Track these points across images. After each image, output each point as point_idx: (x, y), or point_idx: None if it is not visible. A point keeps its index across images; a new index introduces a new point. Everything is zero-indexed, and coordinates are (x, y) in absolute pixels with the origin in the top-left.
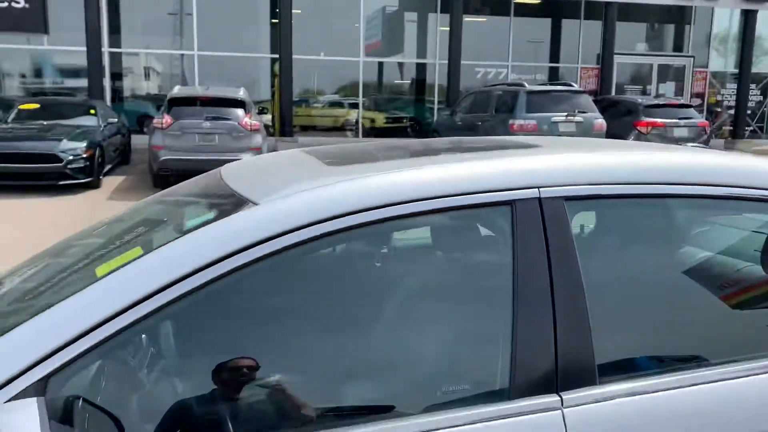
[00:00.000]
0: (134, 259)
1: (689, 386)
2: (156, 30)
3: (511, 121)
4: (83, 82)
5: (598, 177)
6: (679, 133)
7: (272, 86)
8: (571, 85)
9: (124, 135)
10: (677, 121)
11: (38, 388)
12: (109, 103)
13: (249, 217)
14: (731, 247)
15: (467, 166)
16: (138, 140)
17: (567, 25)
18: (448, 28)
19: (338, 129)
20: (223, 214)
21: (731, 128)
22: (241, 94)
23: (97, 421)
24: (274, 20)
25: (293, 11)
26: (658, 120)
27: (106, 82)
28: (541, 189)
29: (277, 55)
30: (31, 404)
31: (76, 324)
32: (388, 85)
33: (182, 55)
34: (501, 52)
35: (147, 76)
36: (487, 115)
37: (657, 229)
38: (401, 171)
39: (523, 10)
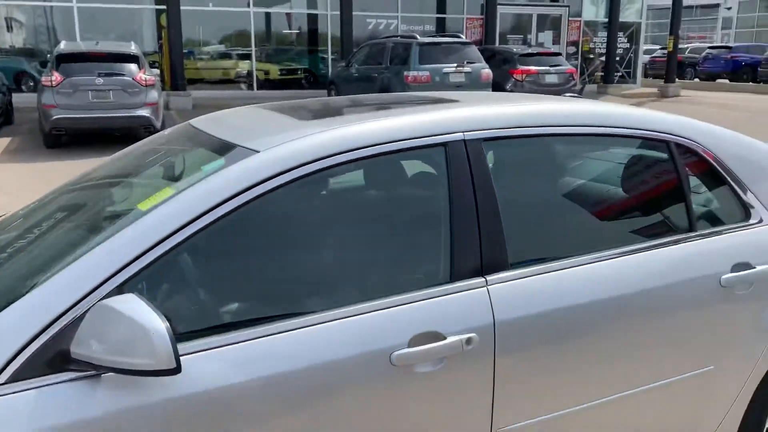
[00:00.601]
0: (171, 197)
1: (569, 268)
2: None
3: (405, 73)
4: None
5: (504, 123)
6: (550, 79)
7: (159, 39)
8: (459, 37)
9: (5, 94)
10: (548, 68)
11: (119, 292)
12: None
13: (268, 153)
14: (600, 175)
15: (415, 118)
16: (18, 99)
17: None
18: None
19: (232, 81)
20: (230, 159)
21: (603, 74)
22: (133, 48)
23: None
24: None
25: None
26: (532, 68)
27: None
28: (465, 133)
29: (162, 6)
30: (128, 296)
31: (139, 245)
32: (280, 36)
33: (57, 6)
34: (390, 4)
35: (18, 29)
36: (383, 67)
37: (547, 161)
38: (368, 122)
39: None
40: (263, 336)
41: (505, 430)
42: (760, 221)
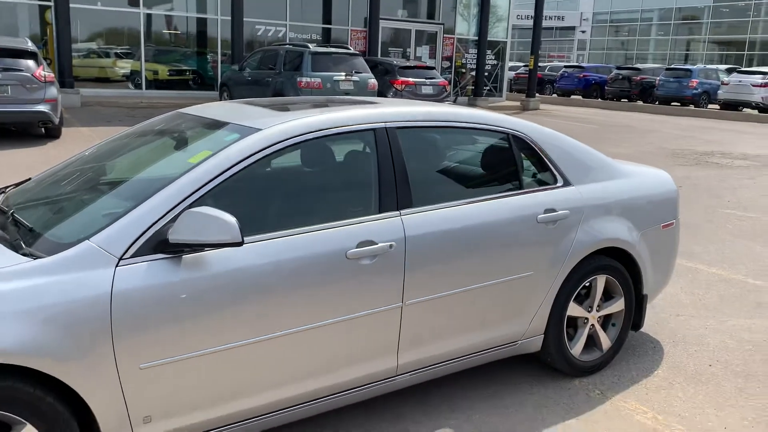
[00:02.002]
0: (212, 155)
1: (448, 208)
2: None
3: (298, 79)
4: None
5: (410, 117)
6: (425, 90)
7: (43, 36)
8: (348, 48)
9: None
10: (424, 80)
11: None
12: None
13: (270, 130)
14: (482, 160)
15: (357, 111)
16: None
17: None
18: None
19: (120, 81)
20: (240, 133)
21: (473, 87)
22: (30, 45)
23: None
24: None
25: None
26: (410, 79)
27: None
28: (386, 123)
29: (47, 2)
30: (204, 206)
31: (197, 185)
32: (170, 38)
33: None
34: (279, 12)
35: None
36: (276, 72)
37: (435, 142)
38: (326, 113)
39: None
40: (276, 238)
41: (411, 302)
42: (562, 185)
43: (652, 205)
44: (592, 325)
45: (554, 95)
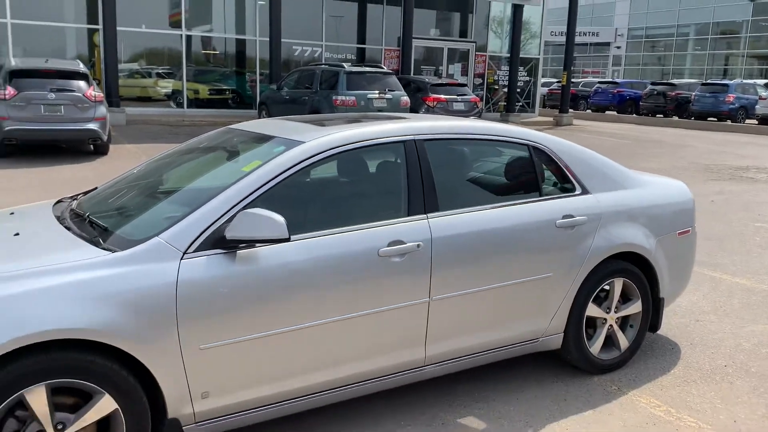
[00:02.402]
0: (262, 164)
1: (473, 212)
2: None
3: (334, 97)
4: None
5: (436, 131)
6: (457, 106)
7: (91, 57)
8: (381, 67)
9: None
10: (456, 97)
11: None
12: None
13: (312, 142)
14: (505, 170)
15: (388, 126)
16: None
17: (372, 9)
18: (268, 7)
19: (162, 100)
20: (286, 145)
21: (505, 103)
22: (81, 66)
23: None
24: None
25: None
26: (441, 96)
27: None
28: (415, 136)
29: (95, 26)
30: (257, 208)
31: (250, 189)
32: (210, 58)
33: None
34: (316, 33)
35: None
36: (312, 91)
37: (461, 153)
38: (362, 127)
39: None
40: (317, 236)
41: (437, 298)
42: (581, 193)
43: (668, 213)
44: (611, 325)
45: (588, 111)
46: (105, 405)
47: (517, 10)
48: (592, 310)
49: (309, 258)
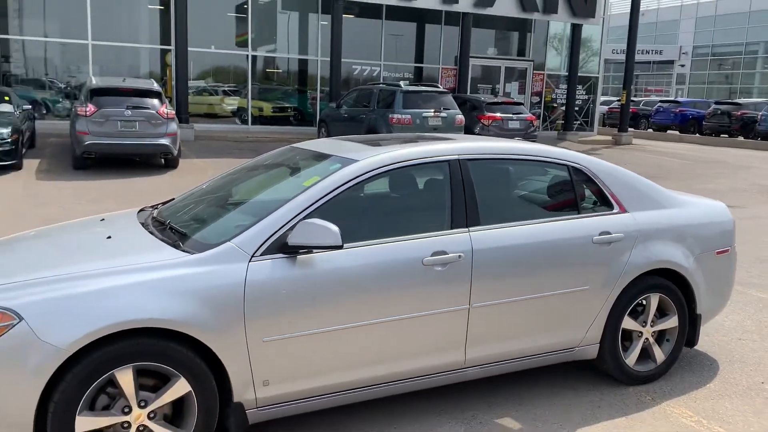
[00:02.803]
0: (320, 180)
1: (513, 227)
2: (50, 17)
3: (390, 115)
4: None
5: (480, 151)
6: (512, 125)
7: (162, 76)
8: (437, 87)
9: (32, 120)
10: (511, 115)
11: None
12: None
13: (365, 161)
14: (544, 189)
15: (435, 146)
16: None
17: (430, 29)
18: (329, 28)
19: (228, 117)
20: (342, 163)
21: (563, 122)
22: (155, 85)
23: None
24: (155, 6)
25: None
26: (497, 114)
27: None
28: (459, 156)
29: (167, 47)
30: (315, 218)
31: (310, 202)
32: (274, 77)
33: (73, 44)
34: (374, 53)
35: (35, 63)
36: (370, 109)
37: (503, 172)
38: (410, 147)
39: (393, 15)
40: (367, 245)
41: (477, 305)
42: (618, 211)
43: (707, 233)
44: (647, 338)
45: (649, 130)
46: (180, 387)
47: (576, 29)
48: (627, 323)
49: (359, 264)
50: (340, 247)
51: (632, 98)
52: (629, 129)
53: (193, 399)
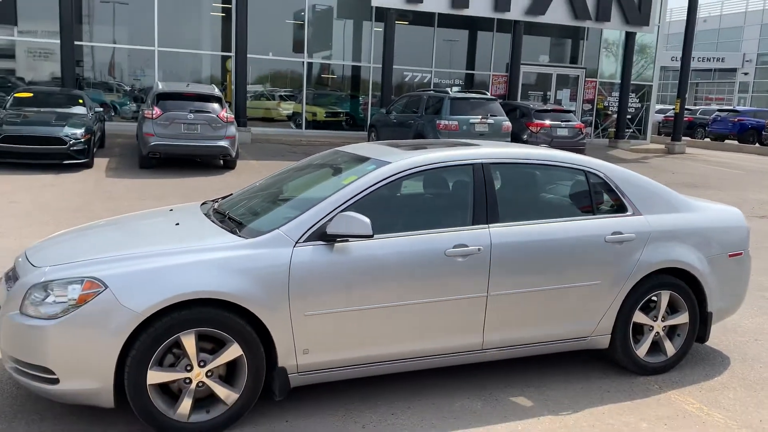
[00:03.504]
0: (357, 179)
1: (532, 225)
2: (120, 24)
3: (438, 121)
4: (49, 69)
5: (501, 156)
6: (561, 132)
7: (223, 81)
8: (485, 93)
9: (103, 121)
10: (560, 123)
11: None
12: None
13: (397, 163)
14: (561, 191)
15: (462, 151)
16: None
17: (482, 36)
18: (382, 35)
19: (283, 120)
20: (376, 164)
21: (615, 129)
22: (216, 91)
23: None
24: (217, 14)
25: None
26: (546, 122)
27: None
28: (482, 160)
29: (227, 53)
30: (351, 212)
31: (347, 197)
32: (327, 83)
33: (141, 50)
34: (425, 59)
35: (104, 67)
36: (418, 115)
37: (522, 175)
38: (439, 151)
39: (445, 22)
40: (396, 236)
41: (494, 294)
42: (632, 214)
43: (720, 236)
44: (657, 332)
45: (706, 139)
46: (233, 351)
47: (630, 37)
48: (639, 317)
49: (389, 252)
50: (371, 237)
51: (691, 107)
52: (684, 138)
53: (244, 362)
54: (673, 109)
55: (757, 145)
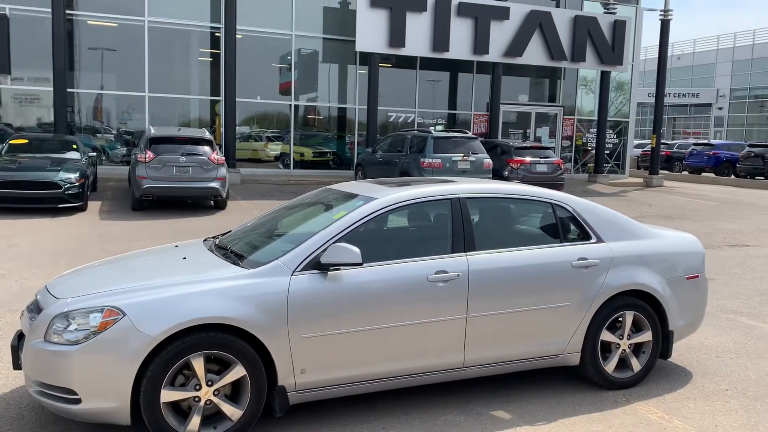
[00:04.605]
0: (347, 213)
1: (504, 252)
2: (109, 71)
3: (422, 159)
4: (36, 114)
5: (476, 191)
6: (540, 168)
7: (212, 124)
8: (466, 132)
9: (95, 165)
10: (539, 159)
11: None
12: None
13: (382, 199)
14: (531, 222)
15: (440, 187)
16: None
17: (462, 77)
18: (366, 78)
19: (271, 161)
20: (364, 200)
21: (594, 165)
22: (207, 134)
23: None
24: (206, 59)
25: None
26: (525, 159)
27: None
28: (459, 195)
29: (216, 97)
30: (342, 242)
31: (338, 230)
32: (314, 124)
33: (131, 95)
34: (409, 100)
35: (94, 113)
36: (403, 154)
37: (495, 208)
38: (420, 188)
39: (427, 65)
40: (383, 264)
41: (473, 315)
42: (595, 241)
43: (677, 261)
44: (624, 350)
45: (684, 172)
46: (238, 371)
47: (605, 76)
48: (606, 335)
49: (377, 279)
50: (360, 265)
51: (668, 141)
52: (662, 171)
53: (248, 381)
54: (650, 144)
55: (732, 177)
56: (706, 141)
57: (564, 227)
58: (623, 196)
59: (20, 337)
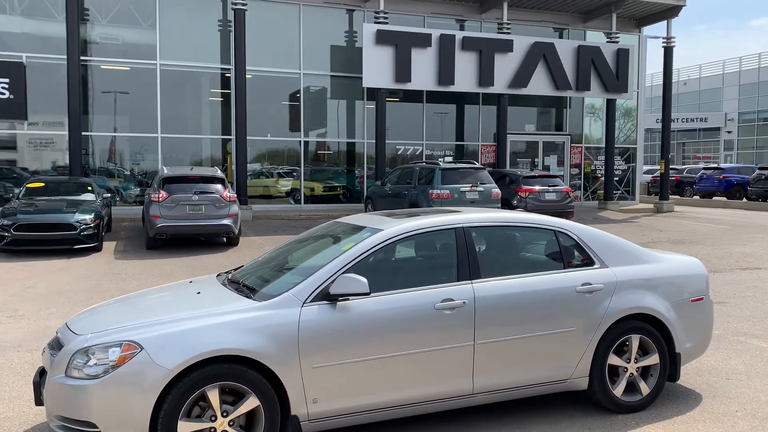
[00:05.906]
0: (354, 245)
1: (509, 279)
2: (122, 114)
3: (430, 191)
4: (51, 158)
5: (480, 220)
6: (548, 196)
7: (223, 162)
8: (473, 163)
9: (110, 206)
10: (547, 188)
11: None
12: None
13: (388, 230)
14: (536, 249)
15: (445, 218)
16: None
17: (469, 109)
18: (374, 112)
19: (282, 197)
20: (371, 232)
21: (603, 192)
22: (219, 172)
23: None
24: (216, 99)
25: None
26: (534, 187)
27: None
28: (464, 224)
29: (227, 136)
30: (351, 273)
31: (346, 261)
32: (324, 159)
33: (144, 137)
34: (417, 132)
35: (108, 153)
36: (411, 186)
37: (500, 237)
38: (426, 218)
39: (433, 98)
40: (390, 294)
41: (480, 342)
42: (599, 267)
43: (681, 284)
44: (632, 373)
45: (695, 197)
46: (252, 402)
47: (611, 103)
48: (613, 359)
49: (384, 308)
50: (368, 295)
51: (678, 166)
52: (673, 196)
53: (262, 411)
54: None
55: (743, 200)
56: (716, 165)
57: (567, 253)
58: (634, 222)
59: (42, 373)
